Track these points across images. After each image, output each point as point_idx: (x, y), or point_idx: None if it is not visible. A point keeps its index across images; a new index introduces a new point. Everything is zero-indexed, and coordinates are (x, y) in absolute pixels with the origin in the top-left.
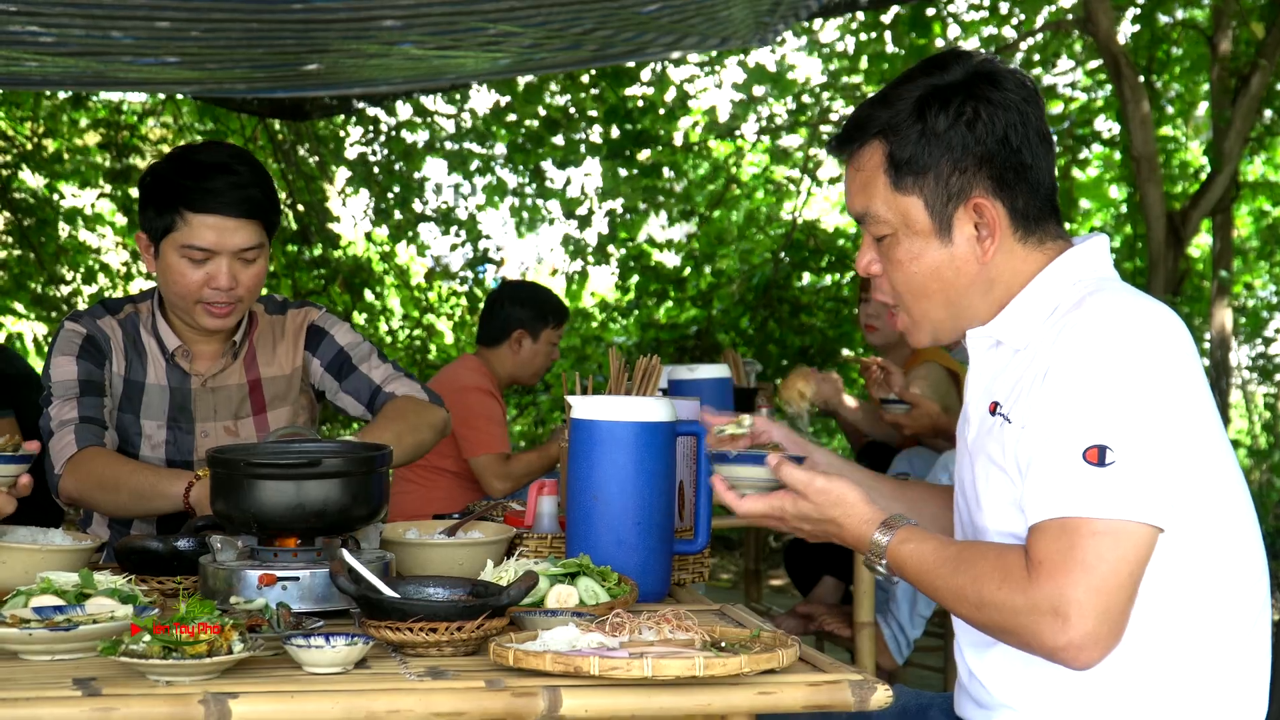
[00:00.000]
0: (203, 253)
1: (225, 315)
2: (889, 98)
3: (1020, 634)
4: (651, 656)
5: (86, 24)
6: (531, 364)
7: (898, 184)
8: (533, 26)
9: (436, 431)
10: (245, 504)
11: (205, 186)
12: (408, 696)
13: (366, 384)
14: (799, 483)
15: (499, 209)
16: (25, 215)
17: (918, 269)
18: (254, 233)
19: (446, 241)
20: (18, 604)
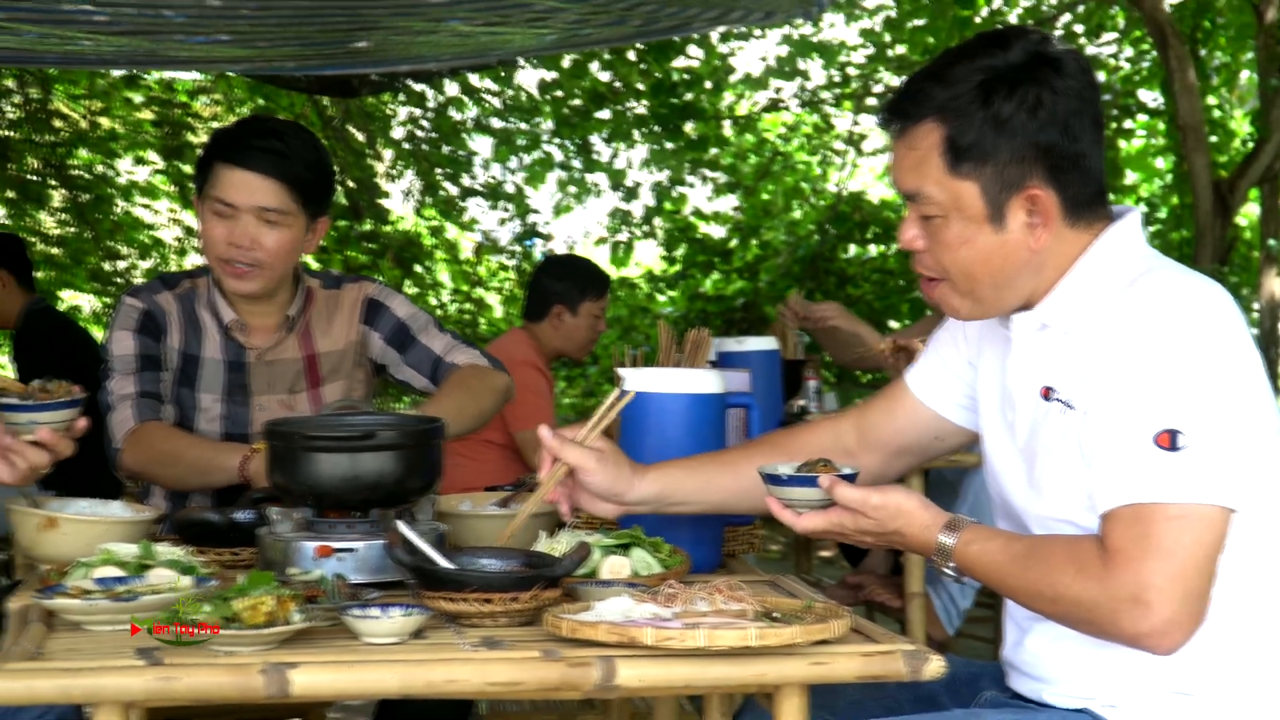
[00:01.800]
0: (226, 207)
1: (243, 276)
2: (947, 76)
3: (1101, 624)
4: (705, 627)
5: (139, 3)
6: (575, 337)
7: (954, 168)
8: (579, 2)
9: (499, 396)
10: (301, 476)
11: (241, 142)
12: (464, 666)
13: (428, 355)
14: (855, 503)
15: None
16: (82, 192)
17: (968, 253)
18: (280, 195)
19: (495, 216)
20: (79, 575)
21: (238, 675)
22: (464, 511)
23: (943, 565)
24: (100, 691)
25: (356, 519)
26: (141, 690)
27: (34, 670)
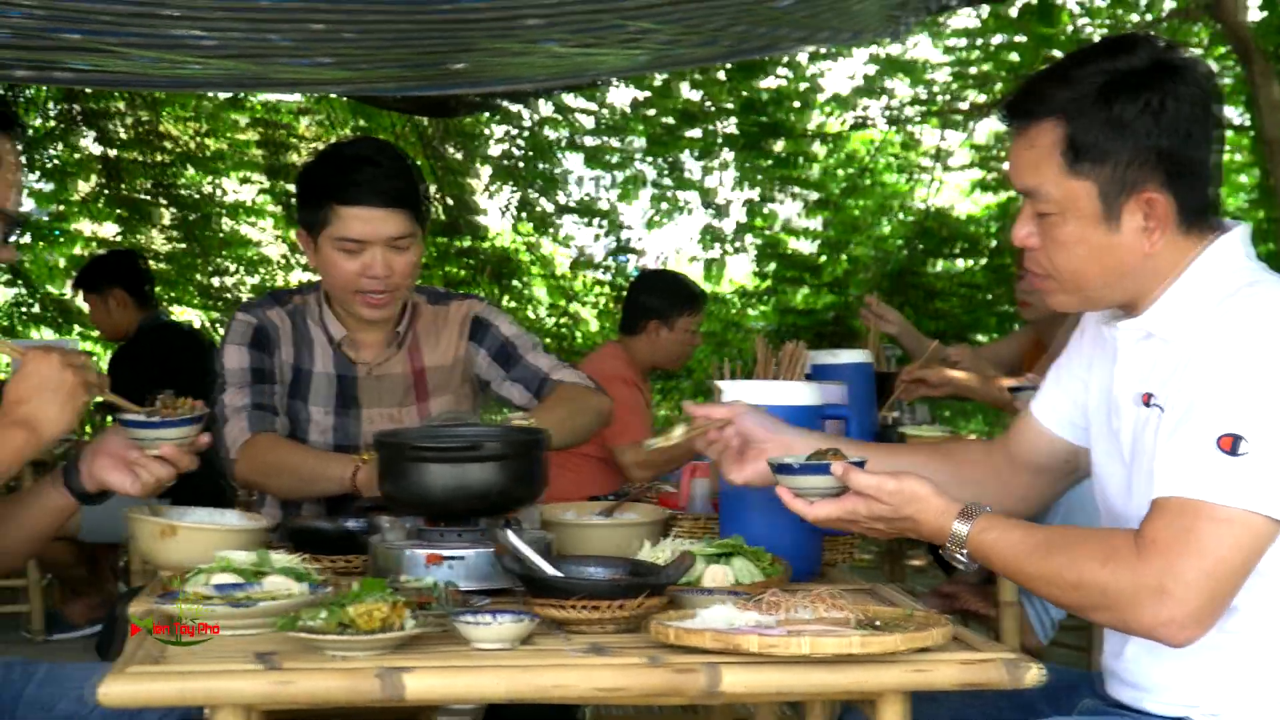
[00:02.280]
0: (355, 243)
1: (382, 305)
2: (1069, 76)
3: (1120, 610)
4: (808, 634)
5: (246, 28)
6: (670, 350)
7: (1072, 167)
8: (671, 23)
9: (598, 417)
10: (411, 486)
11: (352, 179)
12: (571, 672)
13: (533, 372)
14: (869, 488)
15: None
16: (189, 210)
17: (1080, 252)
18: (403, 221)
19: (589, 232)
20: (198, 581)
21: (352, 679)
22: (569, 520)
23: (955, 552)
24: (218, 694)
25: (464, 527)
26: (258, 693)
27: (155, 674)
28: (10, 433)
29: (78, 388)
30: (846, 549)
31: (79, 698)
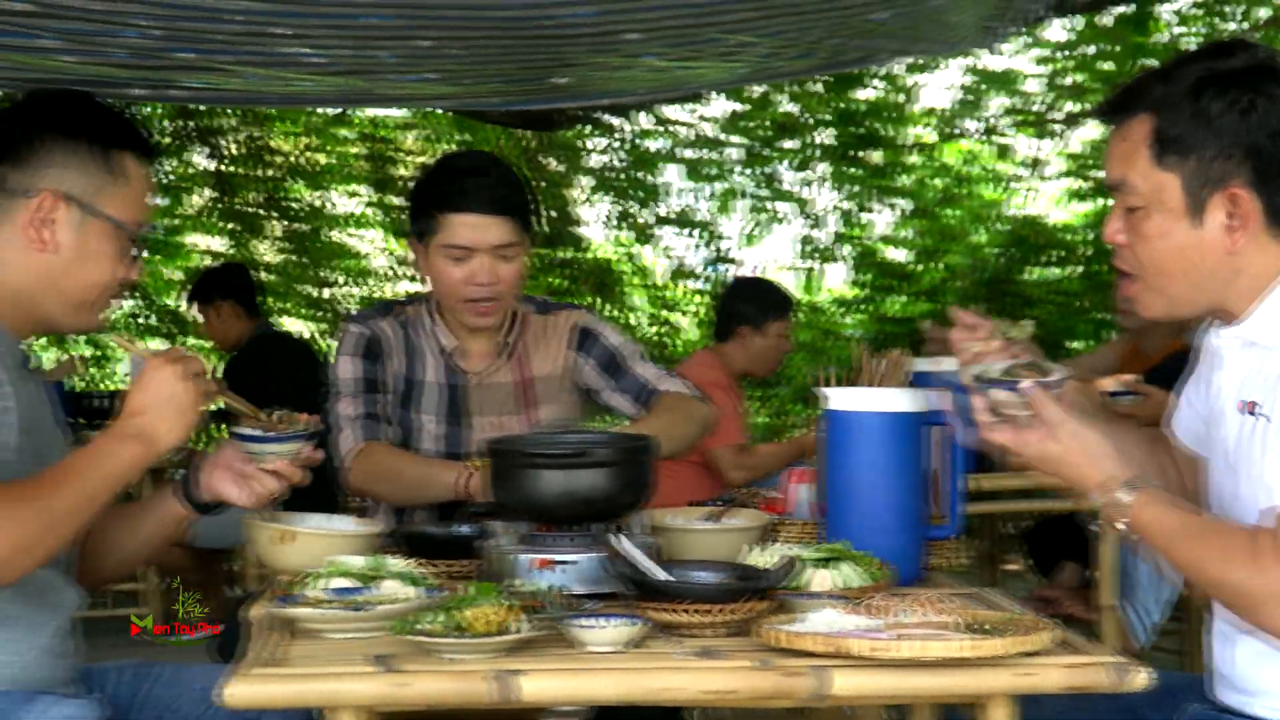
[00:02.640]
0: (462, 250)
1: (488, 313)
2: (1167, 74)
3: (1251, 611)
4: (915, 638)
5: (354, 45)
6: (761, 356)
7: (1159, 159)
8: (769, 36)
9: (701, 427)
10: (521, 492)
11: (460, 188)
12: (681, 675)
13: (638, 383)
14: (1052, 419)
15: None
16: (297, 223)
17: (1164, 246)
18: (508, 230)
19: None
20: (314, 585)
21: (467, 681)
22: (675, 525)
23: (1115, 520)
24: (336, 696)
25: (574, 532)
26: (374, 695)
27: (276, 676)
28: (127, 444)
29: (194, 400)
30: (949, 553)
31: (199, 698)
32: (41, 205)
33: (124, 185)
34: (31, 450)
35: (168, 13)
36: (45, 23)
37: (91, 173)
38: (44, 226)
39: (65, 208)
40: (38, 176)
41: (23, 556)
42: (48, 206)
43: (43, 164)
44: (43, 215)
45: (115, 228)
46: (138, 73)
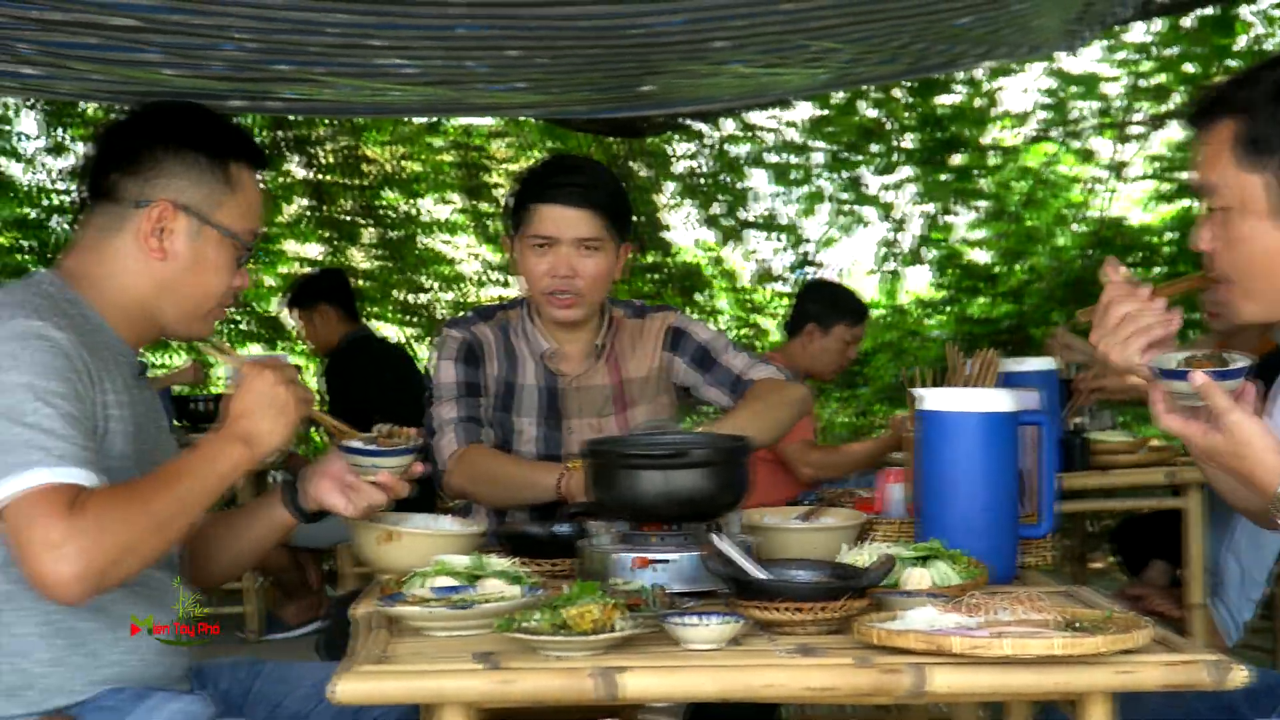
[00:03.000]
0: (545, 240)
1: (568, 306)
2: (1250, 78)
3: None
4: (1012, 636)
5: (445, 56)
6: (823, 358)
7: (1243, 161)
8: (853, 42)
9: (796, 407)
10: (619, 492)
11: (550, 182)
12: (780, 672)
13: (728, 374)
14: (1218, 408)
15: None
16: (390, 230)
17: (1251, 249)
18: (593, 225)
19: (771, 246)
20: (416, 584)
21: (570, 678)
22: (769, 525)
23: (1277, 516)
24: (444, 693)
25: (670, 532)
26: (481, 692)
27: (383, 673)
28: (231, 446)
29: (292, 403)
30: (1041, 552)
31: (307, 695)
32: (158, 215)
33: (236, 195)
34: (141, 457)
35: (265, 26)
36: (149, 37)
37: (205, 183)
38: (160, 236)
39: (180, 217)
40: (153, 186)
41: (131, 558)
42: (164, 216)
43: (158, 174)
44: (159, 224)
45: (228, 237)
46: (236, 84)
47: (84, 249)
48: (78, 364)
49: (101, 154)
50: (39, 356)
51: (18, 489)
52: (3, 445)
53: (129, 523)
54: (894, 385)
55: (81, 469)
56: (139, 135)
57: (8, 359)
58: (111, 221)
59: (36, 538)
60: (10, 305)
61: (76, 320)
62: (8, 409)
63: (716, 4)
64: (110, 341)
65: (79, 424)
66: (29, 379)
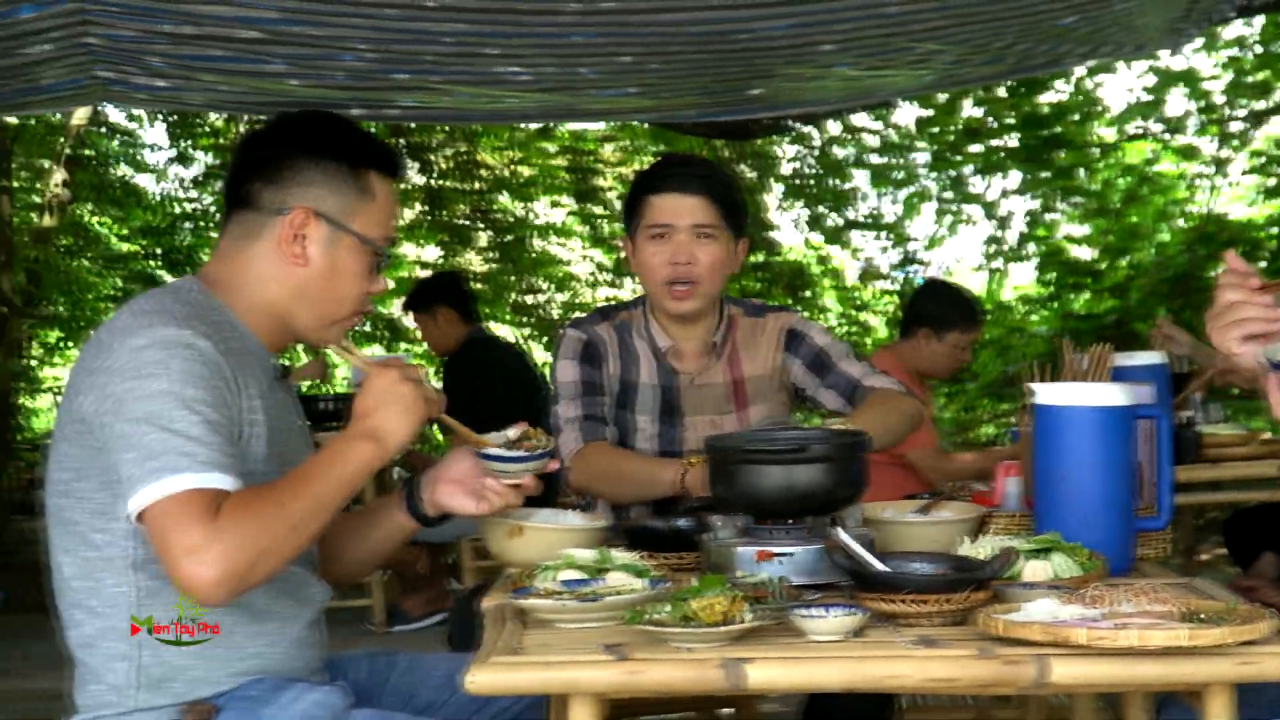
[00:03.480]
0: (661, 229)
1: (685, 297)
2: None
3: None
4: (1135, 627)
5: (559, 63)
6: (936, 361)
7: None
8: (958, 44)
9: (909, 421)
10: (740, 487)
11: (663, 173)
12: (904, 663)
13: (846, 380)
14: None
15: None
16: (504, 233)
17: None
18: (708, 211)
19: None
20: (545, 578)
21: (698, 669)
22: (887, 518)
23: None
24: (576, 683)
25: (791, 525)
26: (611, 683)
27: (515, 664)
28: (360, 444)
29: (418, 400)
30: (1158, 544)
31: (438, 685)
32: (297, 222)
33: (371, 203)
34: (279, 459)
35: (384, 36)
36: (273, 49)
37: (342, 191)
38: (298, 242)
39: (317, 224)
40: (292, 194)
41: (269, 560)
42: (301, 222)
43: (296, 182)
44: (296, 231)
45: (363, 244)
46: (356, 94)
47: (224, 256)
48: (223, 371)
49: (241, 163)
50: (185, 365)
51: (163, 493)
52: (150, 451)
53: (266, 526)
54: (999, 381)
55: (224, 474)
56: (278, 144)
57: (157, 367)
58: (251, 229)
59: (178, 542)
60: (158, 313)
61: (219, 326)
62: (155, 415)
63: (822, 9)
64: (251, 346)
65: (221, 430)
66: (176, 387)
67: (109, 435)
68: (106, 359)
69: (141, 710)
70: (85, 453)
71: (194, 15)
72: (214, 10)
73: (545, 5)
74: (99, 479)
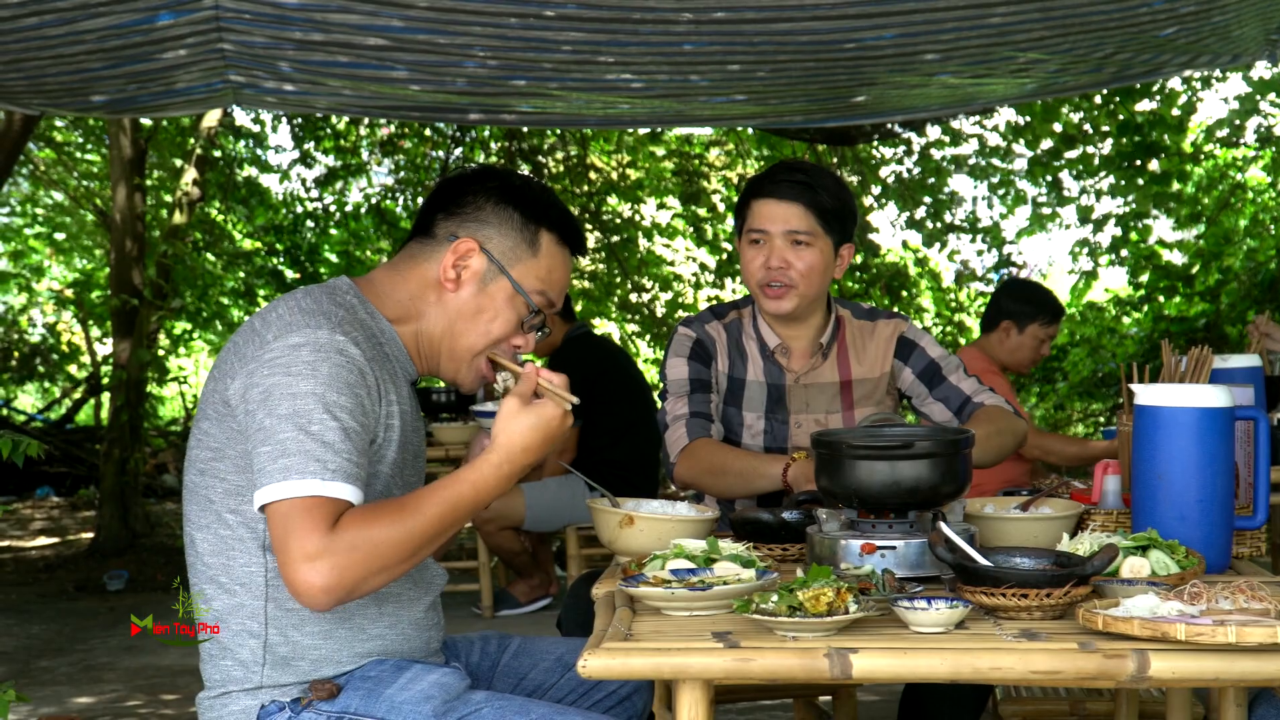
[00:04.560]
0: (759, 234)
1: (779, 297)
2: None
3: None
4: (1233, 624)
5: (670, 70)
6: (1015, 354)
7: None
8: (1060, 53)
9: (1017, 439)
10: (847, 481)
11: (766, 179)
12: (1008, 655)
13: (957, 394)
14: None
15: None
16: (612, 234)
17: None
18: (804, 219)
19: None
20: (655, 567)
21: (805, 658)
22: (989, 514)
23: None
24: (687, 669)
25: (895, 519)
26: (721, 669)
27: (629, 650)
28: (498, 476)
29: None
30: (1255, 543)
31: (550, 667)
32: (463, 250)
33: (538, 258)
34: (403, 460)
35: (504, 44)
36: (397, 55)
37: (513, 237)
38: (458, 269)
39: (480, 258)
40: (464, 227)
41: (381, 576)
42: (465, 252)
43: (473, 218)
44: (458, 258)
45: (517, 291)
46: (475, 99)
47: (391, 268)
48: (369, 379)
49: (434, 197)
50: (334, 370)
51: (289, 493)
52: (284, 448)
53: (385, 544)
54: (1090, 380)
55: (350, 485)
56: (469, 184)
57: (306, 368)
58: (423, 251)
59: (297, 545)
60: (315, 314)
61: (371, 331)
62: (297, 413)
63: (926, 19)
64: (397, 353)
65: (356, 438)
66: (321, 389)
67: (251, 423)
68: (260, 349)
69: (268, 686)
70: (226, 434)
71: (323, 23)
72: (342, 19)
73: (659, 15)
74: (236, 461)
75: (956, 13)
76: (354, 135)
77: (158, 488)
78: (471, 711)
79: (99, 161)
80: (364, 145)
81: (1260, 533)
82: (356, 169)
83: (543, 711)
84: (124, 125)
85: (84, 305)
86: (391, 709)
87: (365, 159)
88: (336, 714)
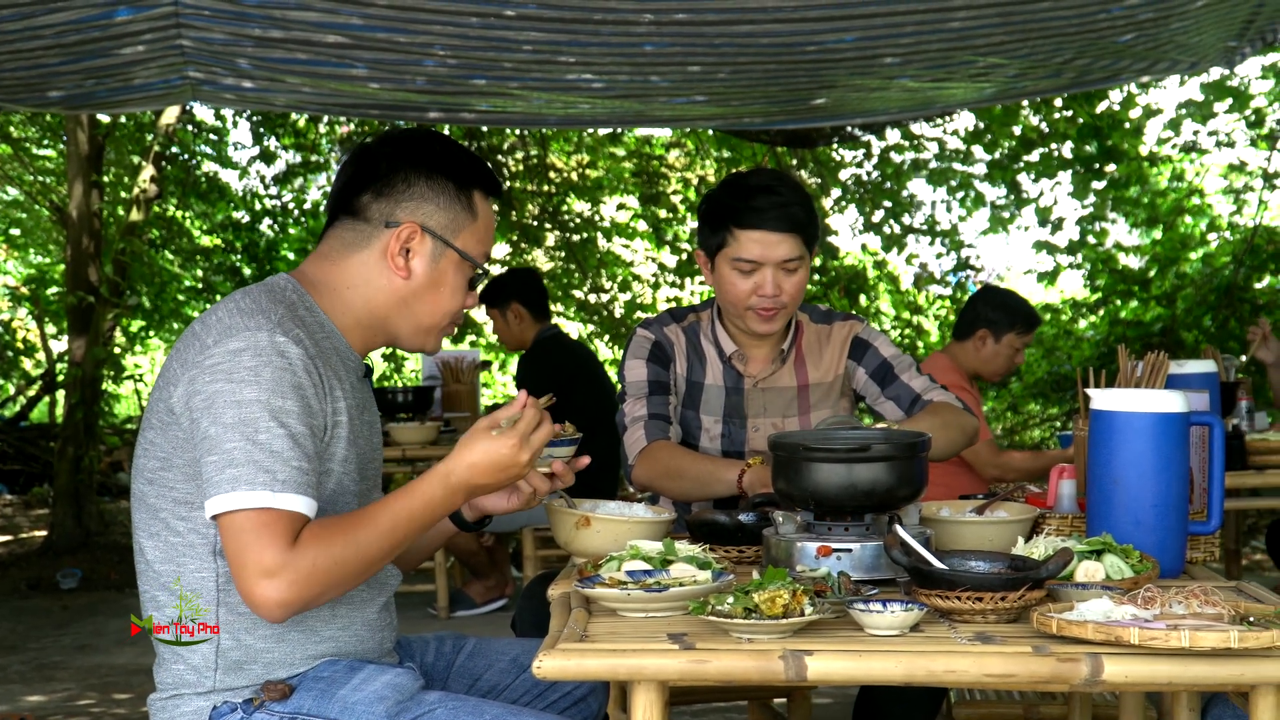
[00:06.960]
0: (750, 264)
1: (770, 319)
2: None
3: None
4: (1187, 628)
5: (631, 70)
6: (992, 362)
7: None
8: (1019, 58)
9: (966, 436)
10: (803, 483)
11: (752, 206)
12: (962, 659)
13: (907, 392)
14: None
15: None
16: (571, 234)
17: None
18: (795, 245)
19: (931, 251)
20: (611, 568)
21: (760, 660)
22: (944, 517)
23: None
24: (642, 671)
25: (851, 522)
26: (677, 671)
27: (584, 651)
28: (453, 498)
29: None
30: (1209, 548)
31: (505, 668)
32: (405, 235)
33: (476, 221)
34: (356, 454)
35: (464, 43)
36: (357, 53)
37: (451, 209)
38: (405, 255)
39: (426, 239)
40: (402, 209)
41: (335, 590)
42: (411, 237)
43: (406, 197)
44: (405, 245)
45: (466, 260)
46: (435, 97)
47: (326, 259)
48: (313, 376)
49: (353, 175)
50: (277, 375)
51: (239, 504)
52: (231, 458)
53: (341, 561)
54: (1046, 382)
55: (302, 496)
56: (391, 159)
57: (249, 374)
58: (357, 238)
59: (254, 559)
60: (254, 314)
61: (312, 327)
62: (243, 422)
63: (887, 23)
64: (340, 347)
65: (306, 443)
66: (265, 396)
67: (196, 431)
68: (201, 354)
69: (220, 690)
70: (172, 443)
71: (282, 20)
72: (301, 16)
73: (620, 16)
74: (183, 470)
75: (917, 17)
76: (313, 133)
77: (112, 486)
78: (425, 712)
79: (55, 158)
80: (323, 141)
81: (1214, 538)
82: (316, 166)
83: (497, 712)
84: (81, 121)
85: (39, 302)
86: (344, 709)
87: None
88: (289, 714)
